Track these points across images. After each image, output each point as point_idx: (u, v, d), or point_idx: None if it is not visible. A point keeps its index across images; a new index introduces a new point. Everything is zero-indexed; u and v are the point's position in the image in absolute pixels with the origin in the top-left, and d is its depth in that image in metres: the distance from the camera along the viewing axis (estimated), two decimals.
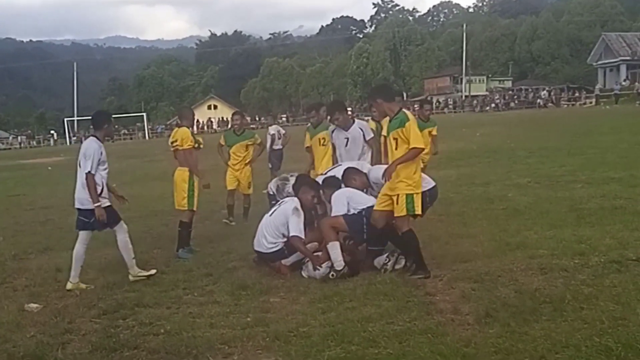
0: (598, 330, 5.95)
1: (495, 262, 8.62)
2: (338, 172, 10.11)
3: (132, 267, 9.65)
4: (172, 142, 11.31)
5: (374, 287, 8.12)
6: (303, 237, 9.32)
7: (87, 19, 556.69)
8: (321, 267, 9.05)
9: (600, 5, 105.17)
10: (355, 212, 9.05)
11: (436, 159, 12.10)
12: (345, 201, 9.20)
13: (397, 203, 8.39)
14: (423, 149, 8.60)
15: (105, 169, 9.44)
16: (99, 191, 9.18)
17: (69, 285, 9.25)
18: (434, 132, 13.93)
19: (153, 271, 9.71)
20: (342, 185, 9.67)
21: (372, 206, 8.95)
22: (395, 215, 8.49)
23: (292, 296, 8.28)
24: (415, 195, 8.36)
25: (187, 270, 9.93)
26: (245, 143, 14.03)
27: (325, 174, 10.36)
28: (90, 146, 9.34)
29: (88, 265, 10.44)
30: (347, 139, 10.86)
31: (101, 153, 9.31)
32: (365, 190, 9.73)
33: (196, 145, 11.24)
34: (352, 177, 9.81)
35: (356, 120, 11.39)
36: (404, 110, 8.64)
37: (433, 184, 9.37)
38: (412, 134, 8.29)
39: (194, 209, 11.25)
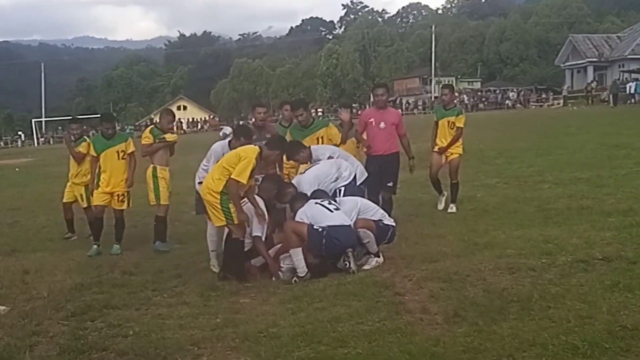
0: (565, 328, 6.00)
1: (463, 261, 8.67)
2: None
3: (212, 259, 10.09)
4: None
5: (344, 288, 8.13)
6: (264, 237, 9.42)
7: (55, 19, 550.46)
8: (282, 271, 9.11)
9: (567, 7, 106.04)
10: (318, 229, 9.03)
11: (405, 160, 12.13)
12: (307, 219, 9.20)
13: None
14: None
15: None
16: None
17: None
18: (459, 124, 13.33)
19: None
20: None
21: (333, 226, 8.99)
22: None
23: (262, 297, 8.31)
24: None
25: (157, 272, 9.92)
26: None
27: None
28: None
29: (55, 267, 10.43)
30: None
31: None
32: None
33: (157, 140, 11.73)
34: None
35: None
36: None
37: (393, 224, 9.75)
38: None
39: (162, 202, 11.55)
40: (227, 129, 19.35)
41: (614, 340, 5.65)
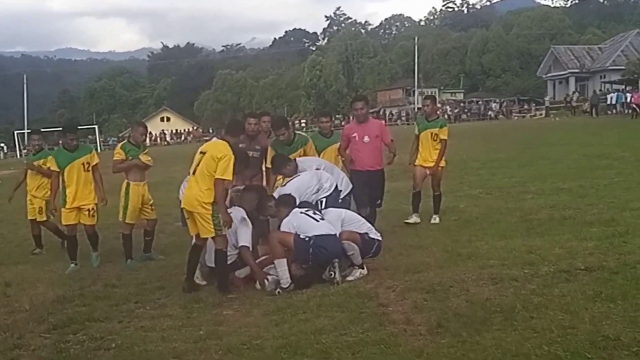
0: (547, 339, 6.02)
1: (447, 272, 8.68)
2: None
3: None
4: None
5: (327, 299, 8.13)
6: (251, 247, 9.40)
7: (38, 31, 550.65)
8: (267, 281, 9.09)
9: (549, 19, 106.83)
10: (305, 239, 9.05)
11: (389, 170, 12.14)
12: (293, 229, 9.21)
13: None
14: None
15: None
16: None
17: None
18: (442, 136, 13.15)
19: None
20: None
21: (319, 235, 9.03)
22: None
23: (245, 309, 8.28)
24: None
25: (139, 284, 9.87)
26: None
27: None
28: None
29: (37, 279, 10.37)
30: None
31: None
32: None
33: (131, 158, 11.56)
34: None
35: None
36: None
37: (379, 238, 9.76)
38: None
39: (126, 220, 11.50)
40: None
41: (597, 350, 5.68)
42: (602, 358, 5.54)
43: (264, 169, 11.25)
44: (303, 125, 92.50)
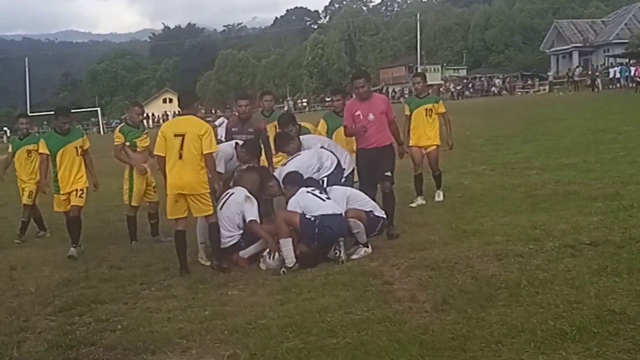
0: (553, 314, 6.02)
1: (451, 249, 8.68)
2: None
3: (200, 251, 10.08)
4: None
5: (332, 278, 8.13)
6: (259, 221, 9.47)
7: (39, 14, 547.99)
8: (278, 254, 9.11)
9: None
10: (311, 219, 9.06)
11: None
12: (299, 208, 9.24)
13: None
14: None
15: None
16: None
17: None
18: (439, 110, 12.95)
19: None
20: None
21: (325, 215, 9.05)
22: None
23: (250, 288, 8.28)
24: None
25: (144, 265, 9.87)
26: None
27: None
28: None
29: (43, 262, 10.38)
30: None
31: None
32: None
33: (127, 143, 11.47)
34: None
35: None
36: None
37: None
38: None
39: (132, 203, 11.47)
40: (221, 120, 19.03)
41: (602, 324, 5.66)
42: (608, 332, 5.53)
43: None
44: (305, 104, 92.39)
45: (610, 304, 6.07)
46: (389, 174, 10.50)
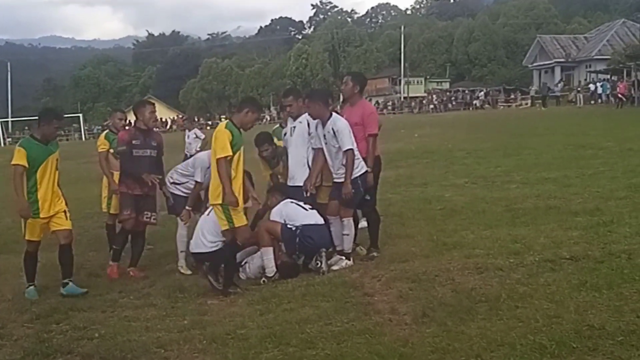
0: (532, 328, 6.03)
1: (432, 261, 8.69)
2: None
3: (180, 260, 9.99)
4: None
5: (313, 289, 8.14)
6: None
7: (22, 19, 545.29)
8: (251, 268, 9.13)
9: (535, 8, 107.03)
10: (292, 228, 9.07)
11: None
12: (281, 217, 9.26)
13: None
14: None
15: None
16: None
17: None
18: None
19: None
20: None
21: (307, 225, 9.07)
22: None
23: (229, 298, 8.28)
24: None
25: (124, 273, 9.81)
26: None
27: None
28: None
29: (20, 269, 10.24)
30: None
31: None
32: None
33: (111, 150, 11.22)
34: None
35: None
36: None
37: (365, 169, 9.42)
38: None
39: (111, 211, 11.30)
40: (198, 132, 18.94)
41: (582, 339, 5.68)
42: (587, 347, 5.54)
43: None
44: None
45: (590, 319, 6.08)
46: (367, 197, 9.82)
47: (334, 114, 9.53)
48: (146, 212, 9.84)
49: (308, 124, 9.65)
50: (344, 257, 9.24)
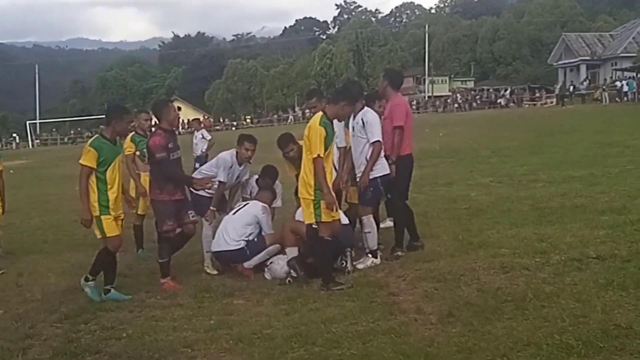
0: (559, 328, 6.01)
1: (458, 261, 8.67)
2: None
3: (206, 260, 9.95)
4: None
5: None
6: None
7: (50, 21, 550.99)
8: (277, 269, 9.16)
9: (560, 6, 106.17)
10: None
11: None
12: None
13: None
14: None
15: None
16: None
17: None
18: None
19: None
20: None
21: None
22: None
23: (255, 298, 8.30)
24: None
25: (150, 273, 9.88)
26: None
27: None
28: None
29: (50, 269, 10.40)
30: None
31: None
32: None
33: (137, 152, 11.32)
34: None
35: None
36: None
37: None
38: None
39: (138, 212, 11.34)
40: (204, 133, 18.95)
41: (608, 339, 5.66)
42: (614, 347, 5.52)
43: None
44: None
45: (617, 319, 6.05)
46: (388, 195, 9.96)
47: (365, 106, 9.56)
48: (189, 212, 9.47)
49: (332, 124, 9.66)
50: (370, 255, 9.24)
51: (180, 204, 9.32)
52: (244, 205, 10.00)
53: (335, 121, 9.21)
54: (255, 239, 9.63)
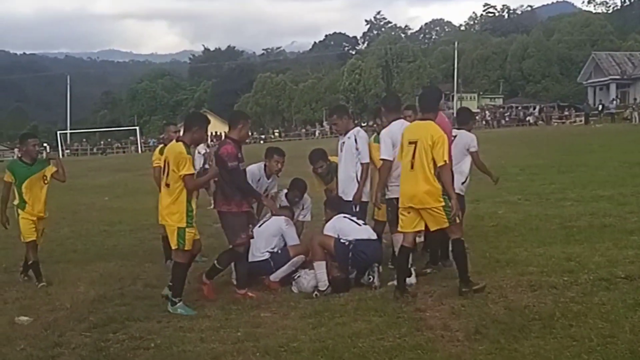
0: (587, 347, 5.99)
1: (485, 278, 8.63)
2: None
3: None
4: None
5: (365, 303, 8.17)
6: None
7: (82, 33, 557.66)
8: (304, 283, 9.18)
9: (590, 24, 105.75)
10: (345, 243, 9.12)
11: None
12: (335, 232, 9.33)
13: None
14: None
15: None
16: None
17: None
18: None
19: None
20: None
21: (360, 239, 9.11)
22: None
23: (282, 311, 8.32)
24: None
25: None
26: None
27: None
28: None
29: (79, 278, 10.48)
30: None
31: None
32: None
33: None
34: None
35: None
36: None
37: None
38: None
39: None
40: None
41: (637, 359, 5.62)
42: None
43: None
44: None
45: None
46: None
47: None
48: (250, 225, 9.36)
49: (355, 140, 9.69)
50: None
51: (249, 216, 9.28)
52: (269, 219, 10.07)
53: (360, 136, 9.32)
54: (279, 251, 9.69)
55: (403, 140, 8.55)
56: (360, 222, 9.43)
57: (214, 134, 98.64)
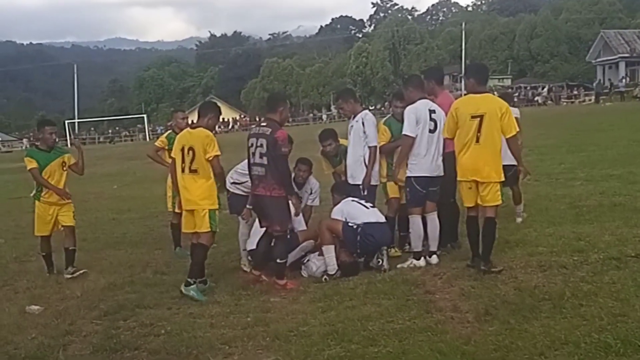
0: (597, 326, 5.98)
1: (495, 259, 8.60)
2: None
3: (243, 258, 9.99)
4: None
5: (374, 286, 8.17)
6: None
7: (88, 21, 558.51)
8: (312, 268, 9.17)
9: (598, 2, 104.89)
10: (353, 226, 9.11)
11: None
12: (342, 216, 9.31)
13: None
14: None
15: None
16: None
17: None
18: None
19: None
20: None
21: (368, 223, 9.09)
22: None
23: (292, 296, 8.34)
24: None
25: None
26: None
27: None
28: None
29: (88, 267, 10.50)
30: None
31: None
32: None
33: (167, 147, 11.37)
34: None
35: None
36: None
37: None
38: None
39: (176, 210, 10.88)
40: None
41: None
42: None
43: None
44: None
45: None
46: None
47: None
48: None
49: (363, 123, 9.63)
50: (413, 259, 9.14)
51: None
52: None
53: (367, 119, 9.31)
54: (288, 236, 9.65)
55: (460, 115, 8.50)
56: (369, 205, 9.40)
57: (221, 119, 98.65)
